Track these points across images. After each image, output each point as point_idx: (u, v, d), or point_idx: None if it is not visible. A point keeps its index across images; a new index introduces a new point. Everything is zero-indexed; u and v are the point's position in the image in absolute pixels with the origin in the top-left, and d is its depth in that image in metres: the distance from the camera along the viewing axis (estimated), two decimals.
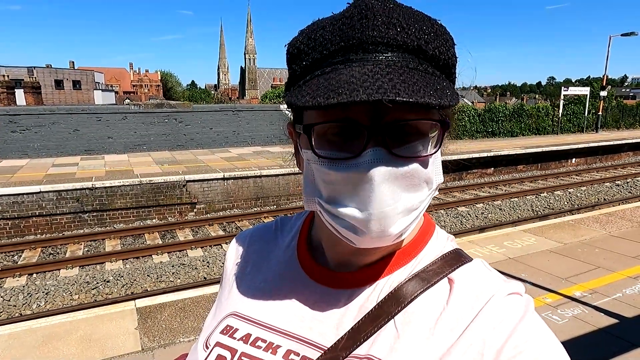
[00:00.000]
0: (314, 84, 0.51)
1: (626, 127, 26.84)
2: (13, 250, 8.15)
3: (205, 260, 7.52)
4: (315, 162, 0.54)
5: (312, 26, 0.57)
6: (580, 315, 4.01)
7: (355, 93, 0.45)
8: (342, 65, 0.51)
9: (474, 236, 6.88)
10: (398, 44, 0.51)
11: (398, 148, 0.52)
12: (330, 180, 0.53)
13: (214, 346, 0.64)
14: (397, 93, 0.45)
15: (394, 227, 0.52)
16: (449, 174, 4.43)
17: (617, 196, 12.44)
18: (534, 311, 0.55)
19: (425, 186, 0.55)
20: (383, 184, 0.50)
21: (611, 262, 5.29)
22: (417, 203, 0.54)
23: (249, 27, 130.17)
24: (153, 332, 3.90)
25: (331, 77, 0.50)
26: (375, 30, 0.51)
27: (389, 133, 0.51)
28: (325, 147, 0.54)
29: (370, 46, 0.51)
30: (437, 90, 0.48)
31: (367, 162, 0.50)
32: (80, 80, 47.11)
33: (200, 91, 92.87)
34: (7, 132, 13.94)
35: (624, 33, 23.44)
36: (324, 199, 0.55)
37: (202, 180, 10.65)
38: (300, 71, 0.57)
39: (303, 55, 0.56)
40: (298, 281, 0.67)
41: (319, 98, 0.47)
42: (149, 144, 15.85)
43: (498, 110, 21.57)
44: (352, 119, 0.51)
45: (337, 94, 0.46)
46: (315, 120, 0.54)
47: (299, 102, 0.50)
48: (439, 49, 0.53)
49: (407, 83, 0.47)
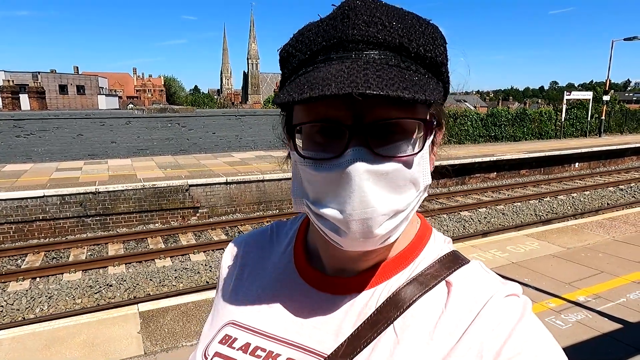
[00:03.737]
0: (294, 82, 0.52)
1: (629, 132, 26.71)
2: (16, 255, 8.17)
3: (207, 265, 7.52)
4: (301, 163, 0.55)
5: (301, 29, 0.57)
6: (584, 320, 3.99)
7: (327, 87, 0.46)
8: (323, 64, 0.52)
9: (476, 241, 6.85)
10: (379, 41, 0.51)
11: (381, 147, 0.51)
12: (314, 181, 0.54)
13: (212, 356, 0.64)
14: (368, 87, 0.45)
15: (379, 229, 0.52)
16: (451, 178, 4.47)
17: (620, 201, 12.38)
18: (532, 313, 0.55)
19: (412, 187, 0.54)
20: (364, 184, 0.50)
21: (615, 266, 5.26)
22: (404, 205, 0.54)
23: (252, 32, 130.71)
24: (156, 336, 3.90)
25: (310, 75, 0.51)
26: (355, 29, 0.51)
27: (371, 132, 0.51)
28: (310, 147, 0.54)
29: (351, 44, 0.51)
30: (414, 86, 0.48)
31: (348, 161, 0.50)
32: (84, 85, 47.32)
33: (203, 96, 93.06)
34: (11, 136, 14.00)
35: (626, 37, 23.38)
36: (310, 200, 0.55)
37: (204, 185, 10.67)
38: (287, 73, 0.57)
39: (291, 57, 0.56)
40: (295, 288, 0.66)
41: (293, 94, 0.48)
42: (152, 148, 15.89)
43: (501, 114, 21.52)
44: (334, 118, 0.51)
45: (310, 89, 0.47)
46: (300, 121, 0.55)
47: (277, 100, 0.50)
48: (424, 47, 0.53)
49: (382, 78, 0.47)
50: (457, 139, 19.75)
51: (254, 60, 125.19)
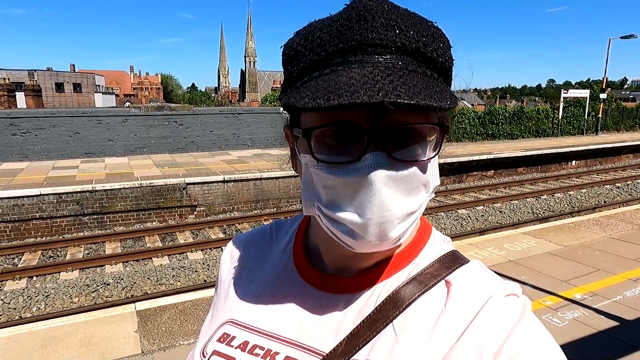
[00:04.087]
0: (312, 85, 0.51)
1: (626, 130, 26.85)
2: (13, 253, 8.15)
3: (205, 263, 7.51)
4: (314, 167, 0.54)
5: (309, 27, 0.56)
6: (581, 318, 4.00)
7: (357, 95, 0.45)
8: (341, 67, 0.51)
9: (474, 239, 6.87)
10: (397, 46, 0.51)
11: (398, 152, 0.51)
12: (330, 185, 0.53)
13: (211, 354, 0.63)
14: (399, 95, 0.45)
15: (394, 232, 0.52)
16: (448, 176, 4.46)
17: (617, 198, 12.43)
18: (532, 312, 0.55)
19: (423, 189, 0.55)
20: (384, 189, 0.50)
21: (611, 264, 5.29)
22: (416, 207, 0.54)
23: (249, 30, 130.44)
24: (153, 334, 3.89)
25: (330, 78, 0.50)
26: (374, 32, 0.50)
27: (389, 136, 0.51)
28: (324, 151, 0.53)
29: (369, 48, 0.51)
30: (436, 93, 0.48)
31: (368, 166, 0.50)
32: (80, 83, 47.17)
33: (200, 94, 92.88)
34: (7, 134, 13.94)
35: (623, 36, 23.48)
36: (323, 204, 0.55)
37: (202, 183, 10.65)
38: (297, 73, 0.56)
39: (300, 56, 0.55)
40: (295, 286, 0.66)
41: (318, 100, 0.46)
42: (149, 146, 15.85)
43: (498, 112, 21.58)
44: (352, 122, 0.51)
45: (338, 96, 0.45)
46: (314, 124, 0.53)
47: (298, 104, 0.48)
48: (436, 51, 0.53)
49: (408, 85, 0.47)
50: (454, 137, 19.79)
51: (251, 58, 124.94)
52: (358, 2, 0.53)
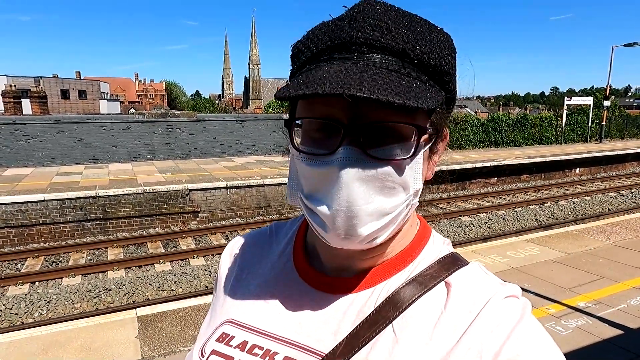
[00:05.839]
0: (297, 79, 0.53)
1: (630, 137, 26.75)
2: (16, 259, 8.17)
3: (207, 269, 7.50)
4: (297, 157, 0.56)
5: (313, 27, 0.59)
6: (584, 326, 3.97)
7: (321, 86, 0.46)
8: (324, 63, 0.53)
9: (477, 246, 6.84)
10: (382, 45, 0.52)
11: (374, 149, 0.52)
12: (308, 176, 0.55)
13: (209, 354, 0.63)
14: (360, 89, 0.46)
15: (363, 229, 0.52)
16: (451, 183, 4.47)
17: (621, 206, 12.36)
18: (531, 314, 0.55)
19: (402, 191, 0.55)
20: (352, 183, 0.51)
21: (615, 272, 5.24)
22: (391, 207, 0.54)
23: (253, 38, 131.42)
24: (153, 340, 3.88)
25: (311, 73, 0.52)
26: (360, 32, 0.52)
27: (365, 133, 0.52)
28: (307, 143, 0.56)
29: (354, 46, 0.52)
30: (408, 92, 0.48)
31: (339, 159, 0.51)
32: (86, 90, 47.55)
33: (204, 101, 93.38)
34: (12, 140, 14.03)
35: (626, 43, 23.48)
36: (304, 194, 0.56)
37: (205, 189, 10.67)
38: (295, 69, 0.59)
39: (300, 54, 0.58)
40: (294, 287, 0.66)
41: (291, 90, 0.49)
42: (152, 153, 15.91)
43: (501, 120, 21.57)
44: (331, 117, 0.52)
45: (306, 87, 0.48)
46: (299, 116, 0.56)
47: (277, 94, 0.51)
48: (428, 54, 0.53)
49: (377, 82, 0.47)
50: (457, 144, 19.77)
51: (255, 66, 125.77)
52: (356, 5, 0.55)
